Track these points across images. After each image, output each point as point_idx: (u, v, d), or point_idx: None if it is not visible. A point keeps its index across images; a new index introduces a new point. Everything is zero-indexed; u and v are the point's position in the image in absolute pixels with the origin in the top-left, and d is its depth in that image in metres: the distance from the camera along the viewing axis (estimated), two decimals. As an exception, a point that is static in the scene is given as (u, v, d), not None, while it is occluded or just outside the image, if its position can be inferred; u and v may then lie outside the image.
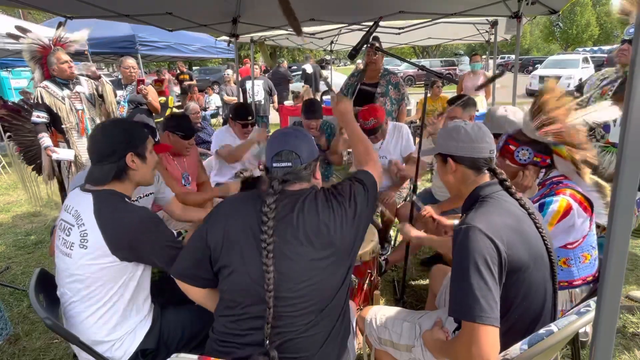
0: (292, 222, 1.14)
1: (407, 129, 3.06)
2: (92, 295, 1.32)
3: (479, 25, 5.65)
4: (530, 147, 1.60)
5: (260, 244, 1.09)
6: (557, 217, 1.50)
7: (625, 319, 2.31)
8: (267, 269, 1.07)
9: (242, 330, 1.14)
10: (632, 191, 0.72)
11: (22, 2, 2.68)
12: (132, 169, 1.41)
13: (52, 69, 3.22)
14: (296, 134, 1.25)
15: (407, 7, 3.44)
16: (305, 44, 7.09)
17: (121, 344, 1.37)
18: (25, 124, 3.26)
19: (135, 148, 1.42)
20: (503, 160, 1.67)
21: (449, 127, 1.37)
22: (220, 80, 11.59)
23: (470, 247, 1.09)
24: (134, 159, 1.41)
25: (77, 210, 1.34)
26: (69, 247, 1.32)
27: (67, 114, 3.27)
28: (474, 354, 1.04)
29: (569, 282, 1.60)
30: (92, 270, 1.30)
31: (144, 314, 1.45)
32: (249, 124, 2.95)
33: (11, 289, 2.84)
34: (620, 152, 0.71)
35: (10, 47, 5.31)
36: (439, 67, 20.42)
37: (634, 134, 0.69)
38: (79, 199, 1.37)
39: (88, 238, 1.29)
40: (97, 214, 1.30)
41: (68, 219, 1.35)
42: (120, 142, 1.39)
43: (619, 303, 0.77)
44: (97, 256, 1.29)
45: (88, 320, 1.34)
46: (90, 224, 1.29)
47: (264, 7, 3.67)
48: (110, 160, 1.37)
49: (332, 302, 1.16)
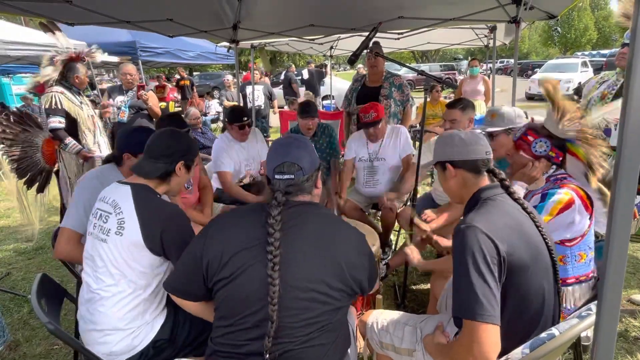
0: (300, 232, 1.13)
1: (405, 131, 3.08)
2: (122, 282, 1.38)
3: (478, 30, 5.68)
4: (549, 140, 1.62)
5: (266, 256, 1.07)
6: (558, 208, 1.51)
7: (628, 322, 2.30)
8: (272, 282, 1.05)
9: (240, 341, 1.12)
10: (630, 194, 0.72)
11: (25, 9, 2.70)
12: (177, 175, 1.55)
13: (74, 77, 3.32)
14: (297, 144, 1.24)
15: (407, 12, 3.47)
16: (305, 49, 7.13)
17: (139, 333, 1.41)
18: (19, 134, 3.21)
19: (189, 159, 1.58)
20: (517, 152, 1.70)
21: (443, 136, 1.42)
22: (221, 86, 11.64)
23: (469, 246, 1.10)
24: (182, 167, 1.55)
25: (114, 200, 1.43)
26: (105, 233, 1.40)
27: (85, 119, 3.35)
28: (475, 352, 1.04)
29: (562, 280, 1.61)
30: (124, 257, 1.37)
31: (161, 307, 1.50)
32: (245, 124, 2.97)
33: (11, 295, 2.84)
34: (619, 156, 0.72)
35: (12, 53, 5.33)
36: (438, 72, 20.49)
37: (631, 138, 0.70)
38: (116, 190, 1.47)
39: (125, 225, 1.38)
40: (136, 203, 1.40)
41: (105, 208, 1.44)
42: (181, 149, 1.55)
43: (619, 306, 0.77)
44: (131, 243, 1.37)
45: (115, 306, 1.38)
46: (129, 212, 1.39)
47: (264, 14, 3.71)
48: (166, 160, 1.51)
49: (336, 316, 1.15)
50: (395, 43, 5.86)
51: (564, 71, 14.90)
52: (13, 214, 4.74)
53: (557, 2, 3.16)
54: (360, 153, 3.07)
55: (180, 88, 10.41)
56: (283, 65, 27.97)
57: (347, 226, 1.22)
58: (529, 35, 38.80)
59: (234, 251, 1.12)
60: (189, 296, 1.24)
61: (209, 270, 1.15)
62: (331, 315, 1.13)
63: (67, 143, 3.24)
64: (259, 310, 1.09)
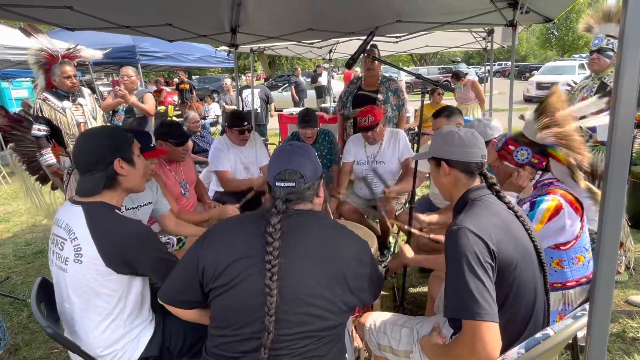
0: (300, 242, 1.11)
1: (403, 134, 3.10)
2: (92, 309, 1.31)
3: (475, 33, 5.72)
4: (530, 148, 1.65)
5: (264, 265, 1.04)
6: (547, 215, 1.53)
7: (625, 323, 2.31)
8: (270, 292, 1.02)
9: (235, 352, 1.10)
10: (620, 195, 0.74)
11: (25, 15, 2.72)
12: (122, 174, 1.38)
13: (54, 80, 3.21)
14: (300, 152, 1.22)
15: (404, 16, 3.49)
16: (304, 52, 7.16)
17: (124, 353, 1.37)
18: (26, 135, 3.26)
19: (122, 153, 1.39)
20: (501, 162, 1.72)
21: (442, 132, 1.41)
22: (220, 89, 11.68)
23: (462, 247, 1.12)
24: (122, 164, 1.38)
25: (67, 223, 1.30)
26: (63, 262, 1.30)
27: (69, 125, 3.24)
28: (479, 350, 1.05)
29: (563, 284, 1.62)
30: (90, 284, 1.28)
31: (146, 322, 1.44)
32: (245, 129, 2.99)
33: (11, 299, 2.84)
34: (609, 156, 0.74)
35: (12, 57, 5.35)
36: (436, 75, 20.55)
37: (620, 139, 0.71)
38: (68, 212, 1.33)
39: (82, 252, 1.26)
40: (90, 226, 1.27)
41: (60, 233, 1.32)
42: (106, 149, 1.36)
43: (610, 305, 0.78)
44: (93, 270, 1.26)
45: (91, 334, 1.33)
46: (84, 237, 1.26)
47: (263, 18, 3.73)
48: (99, 168, 1.34)
49: (334, 330, 1.13)
50: (394, 46, 5.88)
51: (562, 74, 14.93)
52: (13, 218, 4.74)
53: (553, 6, 3.18)
54: (359, 156, 3.09)
55: (180, 92, 10.44)
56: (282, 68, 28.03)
57: (350, 235, 1.20)
58: (527, 38, 38.95)
59: (231, 259, 1.09)
60: (184, 304, 1.21)
61: (204, 276, 1.12)
62: (329, 331, 1.11)
63: (42, 153, 3.18)
64: (255, 321, 1.06)
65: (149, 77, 16.56)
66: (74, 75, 3.25)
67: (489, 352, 1.05)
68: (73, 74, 3.24)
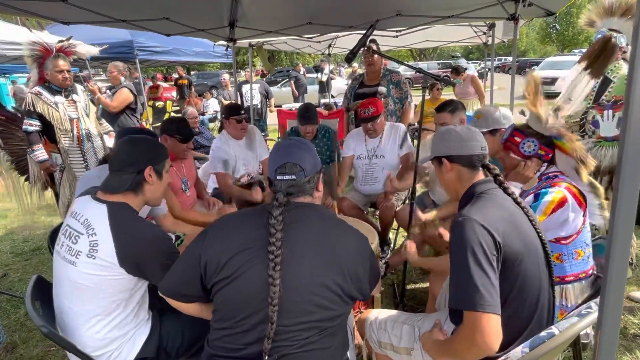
0: (302, 233, 1.13)
1: (404, 128, 3.07)
2: (93, 306, 1.31)
3: (476, 27, 5.68)
4: (536, 139, 1.63)
5: (267, 256, 1.06)
6: (551, 207, 1.52)
7: (627, 320, 2.30)
8: (273, 282, 1.04)
9: (238, 344, 1.11)
10: (633, 192, 0.71)
11: (20, 9, 2.68)
12: (148, 183, 1.43)
13: (47, 74, 3.15)
14: (300, 146, 1.24)
15: (404, 10, 3.45)
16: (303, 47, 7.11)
17: (119, 353, 1.35)
18: (16, 132, 3.19)
19: (156, 163, 1.46)
20: (507, 154, 1.71)
21: (440, 132, 1.44)
22: (218, 85, 11.63)
23: (467, 238, 1.11)
24: (151, 173, 1.44)
25: (87, 219, 1.31)
26: (74, 255, 1.30)
27: (61, 120, 3.19)
28: (479, 341, 1.04)
29: (561, 278, 1.61)
30: (96, 280, 1.28)
31: (143, 321, 1.43)
32: (242, 118, 2.95)
33: (8, 297, 2.82)
34: (621, 153, 0.71)
35: (8, 53, 5.29)
36: (436, 70, 20.48)
37: (634, 136, 0.69)
38: (90, 208, 1.35)
39: (98, 248, 1.27)
40: (113, 224, 1.29)
41: (76, 227, 1.32)
42: (144, 155, 1.43)
43: (621, 305, 0.76)
44: (104, 267, 1.27)
45: (87, 330, 1.32)
46: (103, 234, 1.28)
47: (261, 12, 3.69)
48: (130, 170, 1.39)
49: (336, 322, 1.14)
50: (394, 41, 5.85)
51: (562, 69, 14.87)
52: (10, 214, 4.71)
53: (555, -1, 3.15)
54: (358, 150, 3.06)
55: (178, 87, 10.38)
56: (281, 63, 27.92)
57: (350, 229, 1.21)
58: (527, 33, 38.80)
59: (233, 252, 1.10)
60: (185, 298, 1.22)
61: (207, 271, 1.13)
62: (331, 322, 1.12)
63: (34, 149, 3.13)
64: (258, 312, 1.07)
65: (147, 73, 16.47)
66: (67, 70, 3.19)
67: (488, 343, 1.04)
68: (66, 69, 3.17)
